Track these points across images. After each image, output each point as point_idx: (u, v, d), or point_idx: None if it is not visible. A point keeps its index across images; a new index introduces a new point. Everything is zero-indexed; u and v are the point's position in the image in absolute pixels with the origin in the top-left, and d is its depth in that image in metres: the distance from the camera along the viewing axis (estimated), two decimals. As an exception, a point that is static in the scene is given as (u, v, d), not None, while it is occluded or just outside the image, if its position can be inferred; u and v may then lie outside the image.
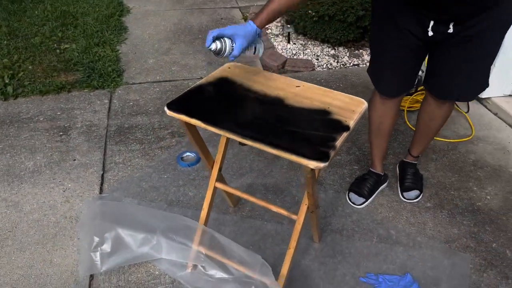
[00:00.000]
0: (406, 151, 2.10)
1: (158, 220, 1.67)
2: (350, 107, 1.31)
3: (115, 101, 2.68)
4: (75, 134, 2.39)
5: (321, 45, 3.37)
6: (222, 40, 1.27)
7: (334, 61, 3.19)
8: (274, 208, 1.50)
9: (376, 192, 2.02)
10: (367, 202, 1.98)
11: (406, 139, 2.39)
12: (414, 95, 2.63)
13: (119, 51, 3.25)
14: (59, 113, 2.56)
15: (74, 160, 2.20)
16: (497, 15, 1.42)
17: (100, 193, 2.02)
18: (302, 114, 1.28)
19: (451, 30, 1.45)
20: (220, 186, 1.59)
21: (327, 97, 1.35)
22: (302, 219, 1.43)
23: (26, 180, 2.08)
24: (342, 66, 3.15)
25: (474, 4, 1.38)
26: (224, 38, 1.27)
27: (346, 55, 3.26)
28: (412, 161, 2.07)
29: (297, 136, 1.19)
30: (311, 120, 1.25)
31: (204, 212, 1.58)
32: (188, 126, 1.36)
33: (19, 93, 2.72)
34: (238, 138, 1.19)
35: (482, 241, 1.82)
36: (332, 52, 3.29)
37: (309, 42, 3.42)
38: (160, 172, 2.14)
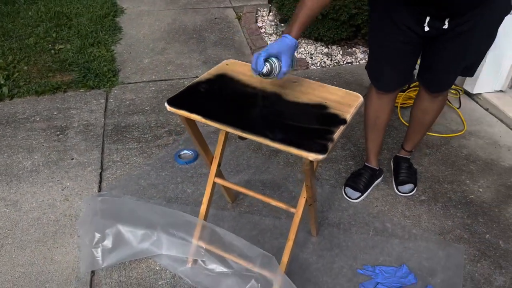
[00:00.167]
0: (400, 146, 2.14)
1: (158, 216, 1.69)
2: (347, 101, 1.34)
3: (111, 101, 2.70)
4: (72, 134, 2.40)
5: (315, 44, 3.41)
6: (270, 61, 1.26)
7: (328, 59, 3.23)
8: (273, 202, 1.53)
9: (372, 187, 2.06)
10: (363, 197, 2.02)
11: (400, 135, 2.43)
12: (407, 92, 2.68)
13: (114, 51, 3.26)
14: (56, 113, 2.57)
15: (72, 159, 2.21)
16: (491, 10, 1.47)
17: (99, 191, 2.03)
18: (300, 109, 1.31)
19: (446, 26, 1.49)
20: (220, 182, 1.62)
21: (324, 92, 1.39)
22: (301, 212, 1.46)
23: (25, 180, 2.09)
24: (336, 64, 3.19)
25: (467, 2, 1.42)
26: (271, 59, 1.26)
27: (340, 53, 3.30)
28: (406, 156, 2.11)
29: (296, 130, 1.22)
30: (309, 114, 1.29)
31: (204, 207, 1.61)
32: (188, 122, 1.38)
33: (15, 94, 2.73)
34: (238, 132, 1.21)
35: (476, 233, 1.86)
36: (326, 51, 3.33)
37: (303, 41, 3.45)
38: (158, 170, 2.16)
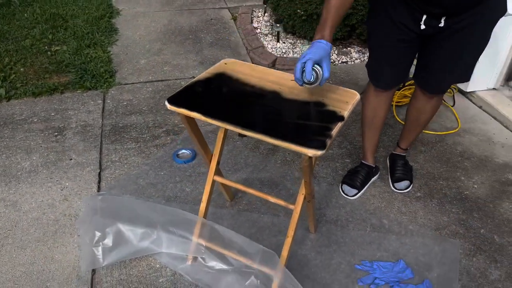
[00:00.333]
0: (395, 144, 2.17)
1: (158, 214, 1.71)
2: (344, 99, 1.36)
3: (109, 101, 2.71)
4: (70, 134, 2.41)
5: (310, 44, 3.43)
6: (315, 68, 1.25)
7: (323, 59, 3.26)
8: (272, 199, 1.55)
9: (368, 184, 2.08)
10: (360, 194, 2.04)
11: (395, 133, 2.46)
12: (402, 90, 2.71)
13: (111, 52, 3.27)
14: (53, 114, 2.57)
15: (71, 160, 2.22)
16: (486, 9, 1.49)
17: (98, 191, 2.04)
18: (299, 106, 1.33)
19: (442, 24, 1.52)
20: (219, 179, 1.64)
21: (322, 90, 1.41)
22: (299, 208, 1.48)
23: (23, 180, 2.09)
24: (331, 64, 3.22)
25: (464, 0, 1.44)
26: (315, 66, 1.25)
27: (335, 53, 3.33)
28: (401, 153, 2.14)
29: (295, 127, 1.24)
30: (307, 112, 1.31)
31: (203, 205, 1.62)
32: (188, 120, 1.40)
33: (12, 95, 2.73)
34: (239, 130, 1.23)
35: (471, 228, 1.89)
36: (321, 50, 3.35)
37: (298, 41, 3.48)
38: (157, 169, 2.17)
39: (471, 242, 1.83)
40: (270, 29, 3.66)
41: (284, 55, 3.31)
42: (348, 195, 2.04)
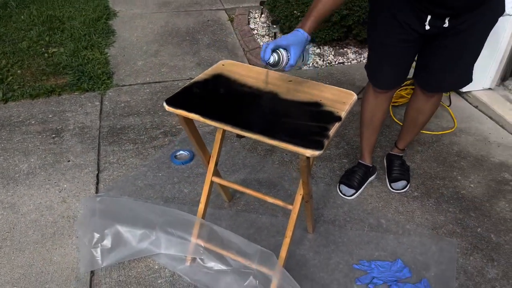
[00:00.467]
0: (393, 144, 2.18)
1: (157, 215, 1.71)
2: (341, 99, 1.37)
3: (106, 103, 2.71)
4: (68, 136, 2.41)
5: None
6: (278, 52, 1.26)
7: (320, 60, 3.27)
8: (270, 200, 1.55)
9: (366, 183, 2.09)
10: (357, 193, 2.05)
11: (392, 133, 2.47)
12: (399, 90, 2.72)
13: (108, 54, 3.27)
14: (51, 116, 2.57)
15: (69, 161, 2.22)
16: (488, 10, 1.51)
17: (96, 193, 2.04)
18: (296, 107, 1.34)
19: (447, 25, 1.52)
20: (217, 180, 1.64)
21: (319, 90, 1.42)
22: (298, 209, 1.49)
23: (21, 182, 2.09)
24: (328, 65, 3.23)
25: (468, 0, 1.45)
26: (280, 50, 1.26)
27: (331, 54, 3.34)
28: (399, 154, 2.15)
29: (293, 127, 1.25)
30: (305, 112, 1.32)
31: (202, 206, 1.63)
32: (186, 121, 1.41)
33: (9, 97, 2.73)
34: (237, 131, 1.24)
35: (468, 227, 1.91)
36: (318, 51, 3.37)
37: (295, 42, 3.48)
38: (155, 171, 2.18)
39: (468, 241, 1.84)
40: (267, 30, 3.67)
41: (281, 56, 3.31)
42: (346, 195, 2.04)
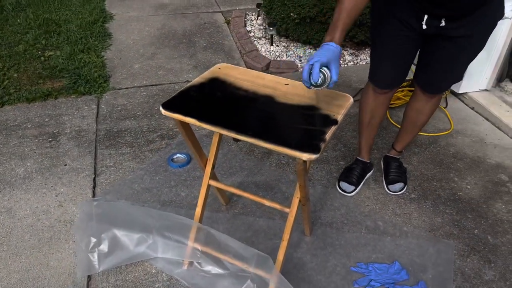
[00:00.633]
0: (390, 146, 2.18)
1: (154, 219, 1.71)
2: (337, 102, 1.38)
3: (103, 106, 2.71)
4: (65, 140, 2.40)
5: (304, 47, 3.45)
6: (322, 71, 1.22)
7: (317, 62, 3.27)
8: (267, 203, 1.55)
9: (364, 180, 2.12)
10: (357, 190, 2.08)
11: (389, 135, 2.47)
12: (395, 92, 2.72)
13: (104, 57, 3.27)
14: (47, 120, 2.57)
15: (65, 165, 2.22)
16: (488, 12, 1.52)
17: (93, 197, 2.04)
18: (292, 110, 1.34)
19: (443, 24, 1.54)
20: (214, 184, 1.64)
21: (315, 94, 1.42)
22: (295, 212, 1.49)
23: (18, 187, 2.09)
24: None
25: (464, 3, 1.47)
26: (323, 68, 1.22)
27: (328, 56, 3.34)
28: (396, 156, 2.16)
29: (289, 131, 1.25)
30: (301, 116, 1.32)
31: (199, 209, 1.63)
32: (183, 125, 1.41)
33: (5, 101, 2.72)
34: (233, 134, 1.24)
35: (465, 228, 1.91)
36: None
37: (292, 44, 3.49)
38: (152, 174, 2.17)
39: (465, 243, 1.84)
40: (264, 33, 3.67)
41: (278, 58, 3.32)
42: (346, 192, 2.07)
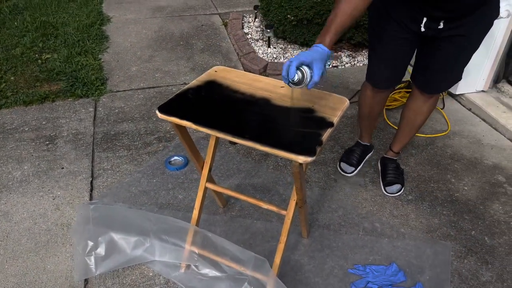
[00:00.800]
0: (387, 147, 2.19)
1: (151, 223, 1.70)
2: (333, 105, 1.38)
3: (100, 109, 2.70)
4: (62, 143, 2.40)
5: (301, 48, 3.46)
6: (302, 69, 1.21)
7: (314, 64, 3.28)
8: (264, 205, 1.55)
9: (364, 161, 2.21)
10: (357, 171, 2.17)
11: (386, 136, 2.48)
12: (392, 94, 2.73)
13: (102, 60, 3.27)
14: (44, 123, 2.56)
15: (62, 168, 2.21)
16: (484, 13, 1.53)
17: (90, 200, 2.04)
18: (288, 113, 1.34)
19: (442, 26, 1.56)
20: (211, 186, 1.64)
21: (311, 96, 1.42)
22: (291, 214, 1.49)
23: (15, 190, 2.08)
24: (322, 68, 3.24)
25: (465, 4, 1.48)
26: (303, 67, 1.22)
27: (325, 58, 3.35)
28: (393, 157, 2.16)
29: (285, 134, 1.25)
30: (297, 118, 1.32)
31: (196, 212, 1.63)
32: (179, 128, 1.41)
33: (2, 104, 2.72)
34: (229, 137, 1.24)
35: (462, 229, 1.91)
36: (312, 55, 3.37)
37: (289, 46, 3.50)
38: (149, 177, 2.17)
39: (462, 244, 1.84)
40: (261, 35, 3.68)
41: (275, 60, 3.32)
42: (346, 172, 2.17)
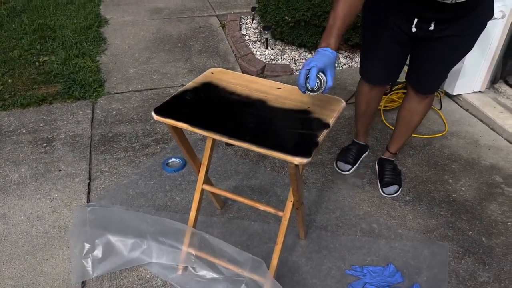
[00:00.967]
0: (384, 149, 2.19)
1: (148, 225, 1.70)
2: (330, 106, 1.38)
3: (98, 111, 2.70)
4: (59, 145, 2.40)
5: (299, 50, 3.46)
6: (319, 76, 1.22)
7: (312, 65, 3.28)
8: (261, 207, 1.55)
9: (360, 160, 2.23)
10: (353, 169, 2.19)
11: (384, 137, 2.48)
12: (390, 95, 2.73)
13: (99, 62, 3.27)
14: (42, 125, 2.56)
15: (60, 171, 2.21)
16: (478, 15, 1.55)
17: (88, 202, 2.03)
18: (284, 114, 1.34)
19: (432, 27, 1.57)
20: (208, 188, 1.64)
21: (307, 98, 1.42)
22: (288, 216, 1.49)
23: (12, 193, 2.08)
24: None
25: (457, 8, 1.48)
26: (319, 73, 1.22)
27: (323, 59, 3.35)
28: (390, 158, 2.16)
29: (281, 135, 1.25)
30: (293, 120, 1.32)
31: (193, 214, 1.63)
32: (175, 130, 1.41)
33: (0, 107, 2.71)
34: (225, 139, 1.24)
35: (459, 230, 1.91)
36: (309, 56, 3.38)
37: (287, 47, 3.50)
38: (147, 179, 2.17)
39: (460, 245, 1.84)
40: (259, 36, 3.68)
41: (273, 62, 3.33)
42: (343, 171, 2.19)
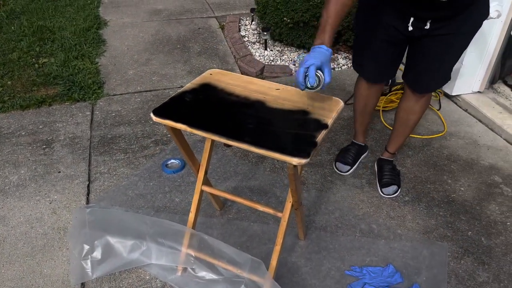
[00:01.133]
0: (383, 149, 2.19)
1: (147, 226, 1.70)
2: (328, 107, 1.38)
3: (97, 113, 2.70)
4: (59, 147, 2.40)
5: (297, 51, 3.46)
6: (317, 73, 1.26)
7: (311, 66, 3.28)
8: (260, 208, 1.55)
9: (359, 161, 2.22)
10: (352, 170, 2.18)
11: (383, 138, 2.48)
12: (389, 95, 2.73)
13: (99, 64, 3.27)
14: (41, 127, 2.56)
15: (59, 172, 2.21)
16: (472, 14, 1.55)
17: (87, 203, 2.03)
18: (283, 115, 1.35)
19: (428, 26, 1.57)
20: (207, 189, 1.64)
21: (306, 98, 1.42)
22: (287, 216, 1.49)
23: (11, 194, 2.08)
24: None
25: (452, 6, 1.49)
26: (317, 70, 1.26)
27: (322, 60, 3.35)
28: (389, 158, 2.16)
29: (279, 136, 1.25)
30: (292, 120, 1.32)
31: (192, 215, 1.63)
32: (174, 131, 1.41)
33: (-1, 109, 2.72)
34: (223, 140, 1.24)
35: (458, 230, 1.91)
36: (308, 57, 3.38)
37: (286, 48, 3.50)
38: (146, 180, 2.17)
39: (459, 245, 1.84)
40: (258, 37, 3.68)
41: (272, 63, 3.33)
42: (342, 172, 2.18)
